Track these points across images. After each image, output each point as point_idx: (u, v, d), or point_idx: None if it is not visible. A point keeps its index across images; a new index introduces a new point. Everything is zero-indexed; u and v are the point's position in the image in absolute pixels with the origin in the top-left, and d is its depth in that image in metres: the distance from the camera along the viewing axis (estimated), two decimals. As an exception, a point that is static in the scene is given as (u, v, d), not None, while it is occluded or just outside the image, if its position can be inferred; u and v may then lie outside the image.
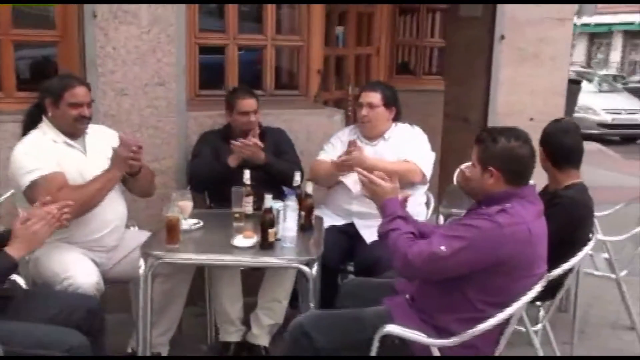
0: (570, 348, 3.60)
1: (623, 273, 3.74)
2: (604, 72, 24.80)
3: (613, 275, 3.72)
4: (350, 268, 3.69)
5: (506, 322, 2.43)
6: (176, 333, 3.57)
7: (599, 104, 14.18)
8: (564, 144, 3.18)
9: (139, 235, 3.46)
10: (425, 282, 2.56)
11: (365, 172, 2.79)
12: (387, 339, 2.49)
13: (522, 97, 4.94)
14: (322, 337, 2.56)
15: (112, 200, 3.23)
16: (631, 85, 21.47)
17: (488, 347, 2.48)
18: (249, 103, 3.81)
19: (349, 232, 3.68)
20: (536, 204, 2.50)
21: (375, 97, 3.69)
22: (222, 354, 3.62)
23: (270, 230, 2.97)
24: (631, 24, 31.03)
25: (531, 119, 4.83)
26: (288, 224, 3.01)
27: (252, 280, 3.71)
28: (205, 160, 3.81)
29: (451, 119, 5.38)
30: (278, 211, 3.06)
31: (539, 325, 3.09)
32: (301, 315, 2.76)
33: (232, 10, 4.24)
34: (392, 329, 2.47)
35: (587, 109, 13.38)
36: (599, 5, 20.67)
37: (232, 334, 3.61)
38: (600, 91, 15.73)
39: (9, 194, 3.53)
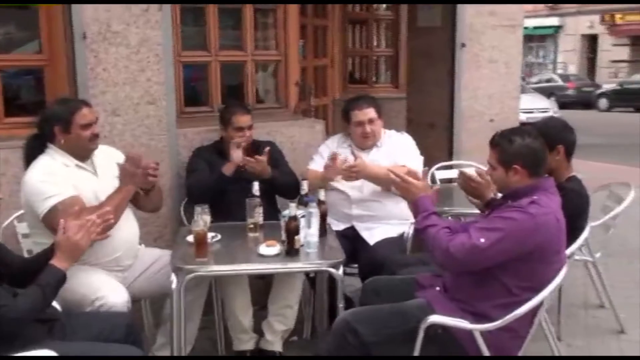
0: (557, 328, 3.89)
1: (598, 255, 4.07)
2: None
3: (590, 258, 4.04)
4: (352, 270, 3.85)
5: (539, 304, 2.66)
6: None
7: (513, 104, 14.95)
8: (574, 139, 3.42)
9: (150, 253, 3.51)
10: (461, 273, 2.76)
11: (397, 172, 2.95)
12: (431, 328, 2.66)
13: (481, 100, 5.27)
14: (368, 330, 2.71)
15: (125, 219, 3.26)
16: (531, 86, 22.75)
17: (524, 328, 2.71)
18: (244, 119, 3.92)
19: (350, 236, 3.83)
20: (556, 195, 2.75)
21: (372, 112, 3.89)
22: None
23: (296, 238, 3.10)
24: (526, 27, 32.79)
25: (491, 120, 5.18)
26: (312, 230, 3.14)
27: (255, 289, 3.81)
28: (202, 174, 3.87)
29: (415, 124, 5.63)
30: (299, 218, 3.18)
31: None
32: (344, 313, 2.89)
33: (213, 28, 4.31)
34: (436, 318, 2.66)
35: (503, 108, 13.99)
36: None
37: (246, 343, 3.70)
38: (512, 91, 16.56)
39: (9, 220, 3.49)
